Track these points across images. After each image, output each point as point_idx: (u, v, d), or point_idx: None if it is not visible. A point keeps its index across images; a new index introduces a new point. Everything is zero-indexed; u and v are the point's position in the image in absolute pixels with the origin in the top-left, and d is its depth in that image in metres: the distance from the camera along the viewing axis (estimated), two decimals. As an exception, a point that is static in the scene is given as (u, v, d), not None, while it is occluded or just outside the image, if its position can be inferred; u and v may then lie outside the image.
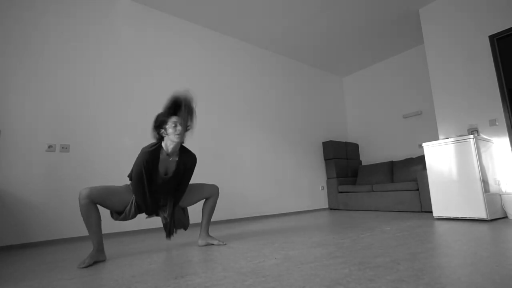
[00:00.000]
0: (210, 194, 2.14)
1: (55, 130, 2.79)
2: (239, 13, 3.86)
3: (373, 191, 4.46)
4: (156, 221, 3.18)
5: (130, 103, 3.26)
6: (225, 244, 2.12)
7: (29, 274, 1.51)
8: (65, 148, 2.81)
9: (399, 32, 4.49)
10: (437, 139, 3.98)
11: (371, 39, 4.69)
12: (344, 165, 5.30)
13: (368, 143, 5.66)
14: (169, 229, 2.01)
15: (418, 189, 3.88)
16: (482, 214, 2.69)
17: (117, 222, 2.94)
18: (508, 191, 3.01)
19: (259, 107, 4.57)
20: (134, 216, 1.89)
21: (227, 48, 4.37)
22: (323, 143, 5.35)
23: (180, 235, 2.74)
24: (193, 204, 2.14)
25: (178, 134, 1.81)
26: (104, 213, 1.95)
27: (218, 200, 3.72)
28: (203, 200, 2.19)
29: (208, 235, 2.17)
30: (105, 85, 3.18)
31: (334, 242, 1.99)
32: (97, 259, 1.71)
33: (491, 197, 2.80)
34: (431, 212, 3.62)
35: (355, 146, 5.68)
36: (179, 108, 1.82)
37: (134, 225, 3.05)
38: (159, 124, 1.83)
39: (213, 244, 2.12)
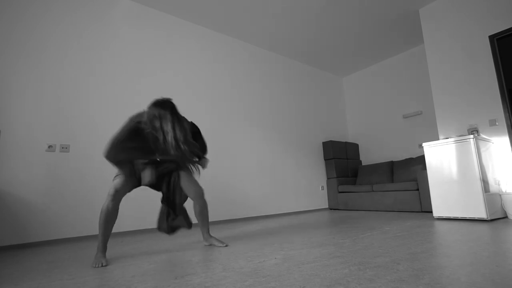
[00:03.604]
0: (194, 196, 2.05)
1: (55, 130, 2.79)
2: (239, 13, 3.86)
3: (373, 191, 4.46)
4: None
5: (130, 103, 3.26)
6: (227, 246, 2.08)
7: (29, 274, 1.51)
8: (65, 148, 2.81)
9: (399, 32, 4.49)
10: (437, 139, 3.98)
11: (371, 39, 4.68)
12: (344, 165, 5.30)
13: (368, 143, 5.66)
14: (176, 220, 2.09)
15: (418, 189, 3.88)
16: (482, 214, 2.69)
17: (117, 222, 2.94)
18: (508, 191, 3.01)
19: (259, 107, 4.57)
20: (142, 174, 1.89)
21: (227, 48, 4.37)
22: (323, 143, 5.35)
23: (179, 235, 2.74)
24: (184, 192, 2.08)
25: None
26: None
27: (217, 200, 3.73)
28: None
29: (210, 236, 2.14)
30: (105, 85, 3.18)
31: (334, 242, 1.99)
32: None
33: (491, 197, 2.80)
34: (431, 212, 3.62)
35: (355, 146, 5.68)
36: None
37: (134, 225, 3.05)
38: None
39: (215, 245, 2.11)
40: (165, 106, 1.85)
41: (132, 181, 1.91)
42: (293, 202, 4.67)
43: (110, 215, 1.78)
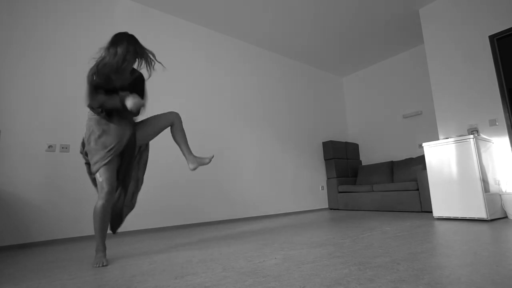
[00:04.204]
0: (169, 121, 2.05)
1: (55, 130, 2.79)
2: (239, 13, 3.86)
3: (373, 191, 4.46)
4: (156, 222, 3.18)
5: (130, 103, 3.26)
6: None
7: (29, 274, 1.51)
8: (65, 148, 2.81)
9: (399, 32, 4.49)
10: (437, 139, 3.98)
11: (371, 39, 4.68)
12: (344, 165, 5.30)
13: (368, 143, 5.66)
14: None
15: (418, 189, 3.88)
16: (482, 214, 2.69)
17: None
18: (508, 191, 3.01)
19: (259, 107, 4.57)
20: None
21: (227, 48, 4.37)
22: (323, 143, 5.35)
23: (179, 235, 2.74)
24: (154, 135, 2.04)
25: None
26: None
27: (217, 200, 3.74)
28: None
29: (195, 157, 2.09)
30: (105, 85, 3.18)
31: (334, 242, 1.99)
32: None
33: (491, 197, 2.80)
34: (431, 212, 3.62)
35: (355, 146, 5.68)
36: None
37: (134, 225, 3.05)
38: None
39: (205, 163, 2.07)
40: (122, 34, 1.91)
41: (117, 162, 1.84)
42: (293, 202, 4.67)
43: (107, 214, 1.76)
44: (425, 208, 3.73)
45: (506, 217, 2.91)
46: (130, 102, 1.74)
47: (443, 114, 3.60)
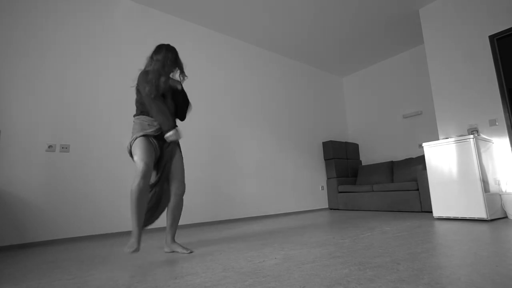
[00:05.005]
0: (177, 186, 1.93)
1: (55, 130, 2.79)
2: (239, 13, 3.86)
3: (373, 191, 4.46)
4: (156, 222, 3.18)
5: (130, 103, 3.25)
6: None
7: (29, 274, 1.51)
8: (65, 148, 2.81)
9: (399, 32, 4.49)
10: (437, 139, 3.98)
11: (371, 39, 4.68)
12: (344, 165, 5.30)
13: (368, 143, 5.66)
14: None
15: (418, 189, 3.88)
16: (482, 214, 2.69)
17: (117, 221, 2.94)
18: (508, 191, 3.01)
19: (259, 107, 4.57)
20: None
21: (227, 48, 4.37)
22: (323, 143, 5.35)
23: (179, 235, 2.74)
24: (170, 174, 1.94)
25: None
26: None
27: (217, 200, 3.74)
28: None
29: (174, 241, 1.94)
30: (106, 85, 3.18)
31: (334, 242, 1.99)
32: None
33: (491, 197, 2.80)
34: (431, 212, 3.62)
35: (355, 146, 5.68)
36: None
37: (134, 225, 3.05)
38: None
39: (178, 252, 1.90)
40: (163, 45, 2.15)
41: (154, 149, 1.84)
42: (293, 202, 4.67)
43: (143, 195, 1.68)
44: (425, 208, 3.73)
45: (506, 217, 2.91)
46: (172, 132, 1.86)
47: (443, 114, 3.60)
